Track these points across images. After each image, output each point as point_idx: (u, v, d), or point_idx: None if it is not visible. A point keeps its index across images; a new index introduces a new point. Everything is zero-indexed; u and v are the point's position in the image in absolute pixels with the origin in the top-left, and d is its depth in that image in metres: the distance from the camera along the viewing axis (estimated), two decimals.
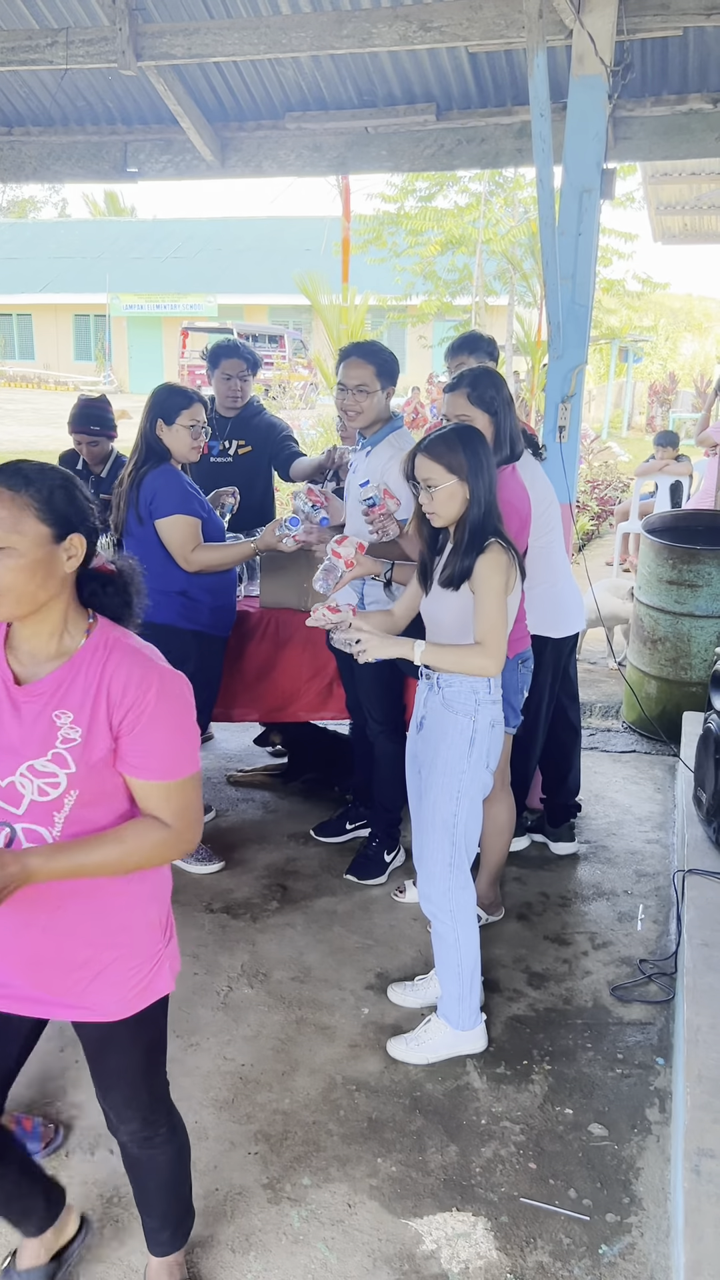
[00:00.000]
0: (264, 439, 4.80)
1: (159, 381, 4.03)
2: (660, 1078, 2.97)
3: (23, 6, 4.88)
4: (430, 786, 2.92)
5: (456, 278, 17.22)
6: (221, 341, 4.83)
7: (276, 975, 3.40)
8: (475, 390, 3.17)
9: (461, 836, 2.91)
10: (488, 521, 2.74)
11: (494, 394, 3.17)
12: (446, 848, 2.91)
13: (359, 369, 3.60)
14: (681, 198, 7.95)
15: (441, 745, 2.88)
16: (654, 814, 4.64)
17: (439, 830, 2.91)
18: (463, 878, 2.94)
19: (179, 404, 3.60)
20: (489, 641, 2.70)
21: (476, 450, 2.73)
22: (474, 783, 2.88)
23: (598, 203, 4.13)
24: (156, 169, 5.69)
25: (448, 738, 2.86)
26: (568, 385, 4.22)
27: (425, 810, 2.95)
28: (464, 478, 2.70)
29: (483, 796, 2.94)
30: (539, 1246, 2.40)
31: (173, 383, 3.87)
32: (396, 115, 5.17)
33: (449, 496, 2.72)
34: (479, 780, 2.89)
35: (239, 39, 4.56)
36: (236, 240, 34.22)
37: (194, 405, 3.62)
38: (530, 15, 3.41)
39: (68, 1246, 2.28)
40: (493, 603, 2.70)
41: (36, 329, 35.12)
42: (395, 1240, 2.41)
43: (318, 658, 4.13)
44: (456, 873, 2.93)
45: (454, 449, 2.71)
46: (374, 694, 3.83)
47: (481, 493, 2.72)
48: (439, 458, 2.71)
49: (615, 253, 15.35)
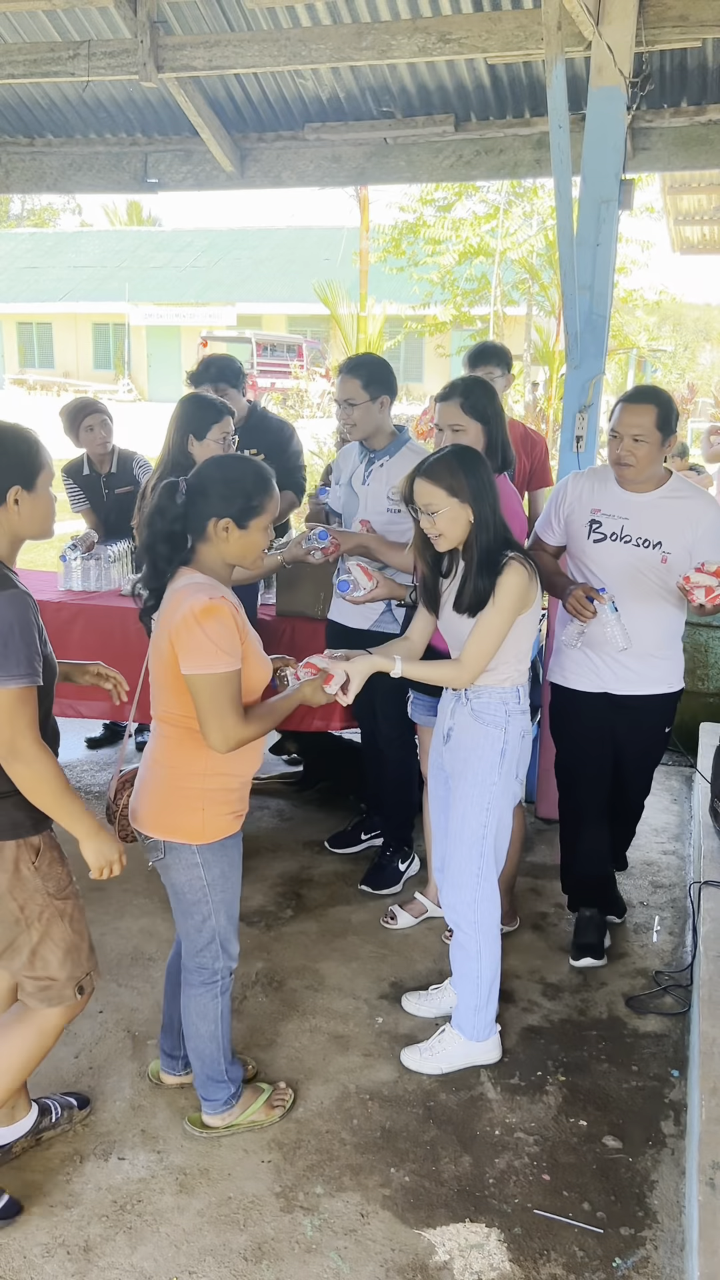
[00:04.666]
0: (270, 444, 4.78)
1: (178, 390, 4.03)
2: (675, 1090, 2.95)
3: (45, 19, 4.93)
4: (460, 798, 2.91)
5: (475, 287, 17.22)
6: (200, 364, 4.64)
7: (291, 984, 3.40)
8: (468, 400, 3.18)
9: (491, 848, 2.91)
10: (497, 540, 2.72)
11: (486, 404, 3.19)
12: (475, 859, 2.91)
13: (347, 383, 3.68)
14: (700, 208, 7.94)
15: (472, 757, 2.87)
16: (670, 825, 4.62)
17: (468, 842, 2.91)
18: (490, 890, 2.94)
19: (210, 418, 3.60)
20: (469, 660, 2.73)
21: (477, 471, 2.70)
22: (505, 794, 2.88)
23: (616, 213, 4.13)
24: (177, 179, 5.73)
25: (478, 749, 2.86)
26: (585, 395, 4.22)
27: (454, 822, 2.94)
28: (465, 500, 2.68)
29: (513, 806, 2.94)
30: (552, 1259, 2.39)
31: (200, 394, 3.86)
32: (415, 126, 5.19)
33: (452, 520, 2.70)
34: (509, 791, 2.90)
35: (259, 51, 4.60)
36: (255, 250, 34.34)
37: (224, 419, 3.63)
38: (549, 27, 3.41)
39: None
40: (496, 625, 2.70)
41: (56, 338, 35.29)
42: (408, 1250, 2.41)
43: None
44: (484, 884, 2.93)
45: (454, 472, 2.68)
46: (385, 702, 3.84)
47: (486, 513, 2.69)
48: (439, 481, 2.68)
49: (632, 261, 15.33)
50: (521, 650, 2.83)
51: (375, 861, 4.09)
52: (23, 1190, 2.53)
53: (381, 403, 3.68)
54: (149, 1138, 2.71)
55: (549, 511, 3.55)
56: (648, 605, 3.33)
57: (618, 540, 3.32)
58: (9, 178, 6.04)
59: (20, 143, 5.94)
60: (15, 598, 2.18)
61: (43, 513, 2.31)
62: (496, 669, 2.79)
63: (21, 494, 2.24)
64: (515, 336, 18.12)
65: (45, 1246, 2.39)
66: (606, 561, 3.35)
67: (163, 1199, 2.53)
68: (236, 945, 2.68)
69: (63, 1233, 2.43)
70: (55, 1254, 2.37)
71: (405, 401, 21.93)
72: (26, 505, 2.26)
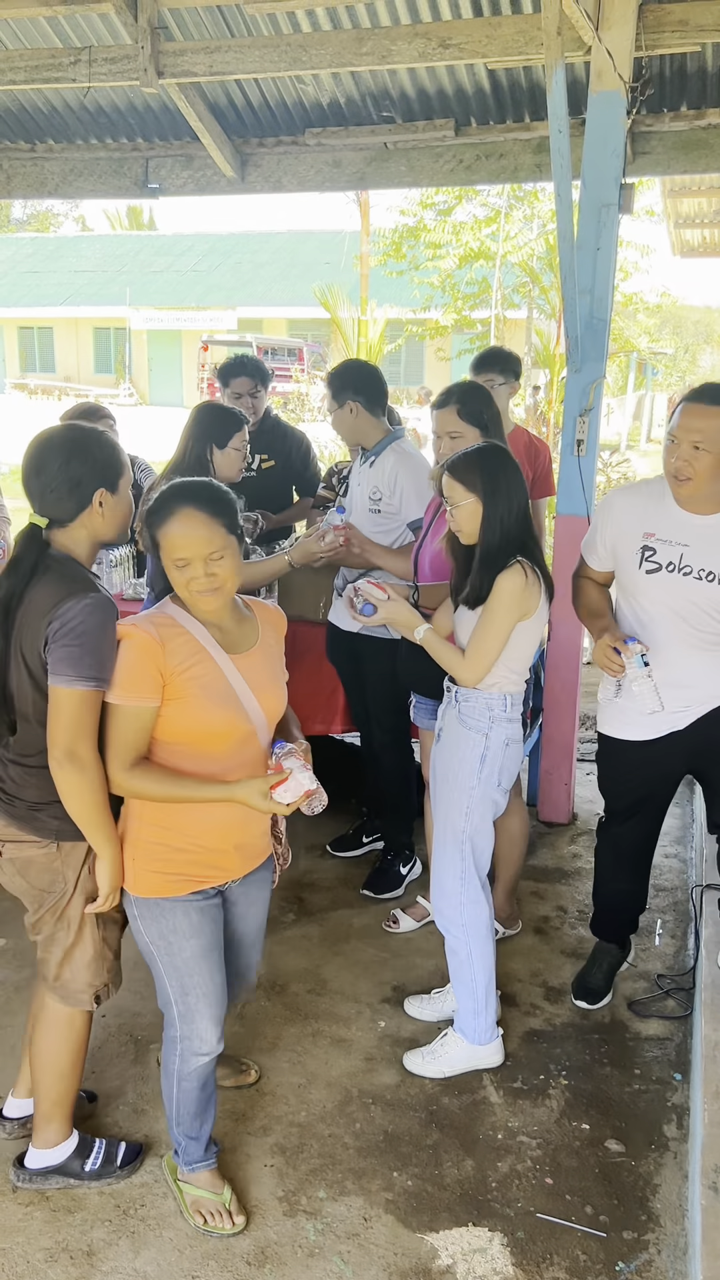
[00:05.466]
0: (286, 453, 4.83)
1: (179, 394, 4.06)
2: (678, 1094, 2.95)
3: (47, 26, 4.94)
4: (440, 800, 2.93)
5: (475, 291, 17.24)
6: (230, 360, 4.84)
7: (293, 988, 3.40)
8: (464, 406, 3.19)
9: (471, 852, 2.91)
10: (507, 541, 2.71)
11: (482, 409, 3.19)
12: (457, 861, 2.91)
13: (328, 391, 3.74)
14: (701, 212, 7.95)
15: (453, 760, 2.88)
16: (672, 828, 4.62)
17: (449, 845, 2.92)
18: (474, 892, 2.94)
19: (232, 428, 3.61)
20: (473, 658, 2.74)
21: (495, 470, 2.71)
22: (483, 800, 2.87)
23: (616, 217, 4.14)
24: (178, 185, 5.74)
25: (459, 752, 2.86)
26: (586, 399, 4.22)
27: (437, 825, 2.96)
28: (480, 496, 2.69)
29: (493, 816, 2.94)
30: (555, 1263, 2.39)
31: (217, 403, 3.88)
32: (416, 131, 5.20)
33: (469, 515, 2.71)
34: (488, 798, 2.88)
35: (260, 56, 4.61)
36: (256, 254, 34.37)
37: (243, 427, 3.66)
38: (549, 32, 3.42)
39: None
40: (495, 624, 2.70)
41: (57, 342, 35.34)
42: (411, 1255, 2.41)
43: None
44: (468, 887, 2.93)
45: (473, 468, 2.71)
46: (381, 705, 3.84)
47: (498, 512, 2.69)
48: (459, 476, 2.71)
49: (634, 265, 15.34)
50: (516, 659, 2.80)
51: (376, 866, 4.09)
52: (25, 1194, 2.53)
53: (350, 407, 3.67)
54: (151, 1142, 2.71)
55: (593, 532, 3.10)
56: (707, 654, 2.88)
57: (674, 571, 2.84)
58: (10, 183, 6.05)
59: (21, 148, 5.95)
60: (103, 603, 2.21)
61: (123, 515, 2.37)
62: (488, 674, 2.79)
63: (106, 496, 2.29)
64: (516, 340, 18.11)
65: (48, 1251, 2.39)
66: (660, 596, 2.87)
67: (165, 1203, 2.53)
68: (205, 1033, 2.37)
69: (65, 1237, 2.43)
70: (58, 1259, 2.37)
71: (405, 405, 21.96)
72: (110, 508, 2.31)
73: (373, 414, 3.70)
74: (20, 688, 2.25)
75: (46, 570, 2.24)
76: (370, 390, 3.70)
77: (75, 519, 2.29)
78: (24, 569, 2.24)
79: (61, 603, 2.17)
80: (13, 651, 2.23)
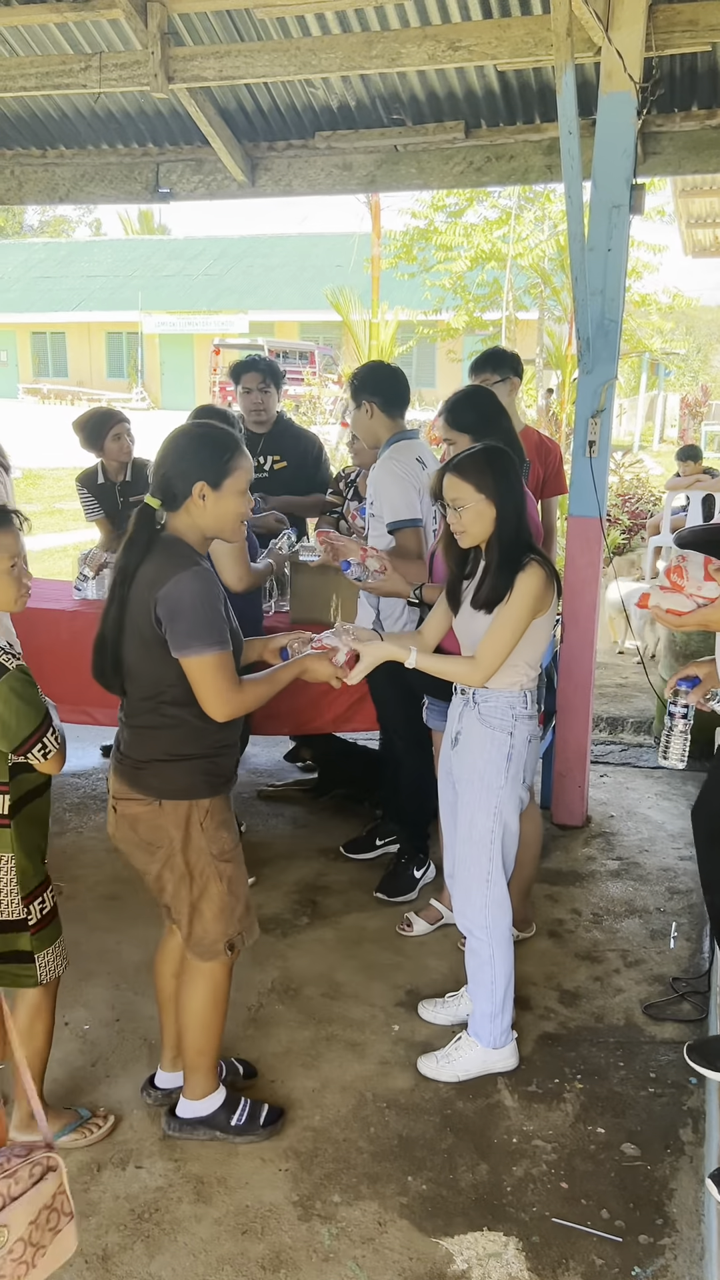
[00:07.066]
0: (298, 455, 4.84)
1: (191, 398, 4.10)
2: (693, 1097, 2.94)
3: (57, 32, 4.96)
4: (466, 803, 2.92)
5: (486, 292, 17.25)
6: (242, 359, 4.89)
7: (307, 991, 3.40)
8: (451, 414, 3.23)
9: (499, 852, 2.91)
10: (519, 540, 2.73)
11: (467, 413, 3.21)
12: (484, 864, 2.91)
13: (348, 392, 3.81)
14: (712, 211, 7.93)
15: (479, 761, 2.88)
16: (687, 830, 4.59)
17: (476, 846, 2.91)
18: (499, 894, 2.94)
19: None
20: (483, 657, 2.73)
21: (504, 470, 2.73)
22: (511, 798, 2.88)
23: (627, 218, 4.13)
24: (188, 189, 5.76)
25: (485, 753, 2.86)
26: (597, 400, 4.21)
27: (462, 827, 2.95)
28: (490, 497, 2.70)
29: (519, 812, 2.94)
30: (571, 1268, 2.38)
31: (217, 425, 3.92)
32: (426, 133, 5.20)
33: (477, 516, 2.72)
34: (516, 796, 2.89)
35: (269, 60, 4.62)
36: (267, 257, 34.44)
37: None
38: (558, 33, 3.42)
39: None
40: (511, 626, 2.71)
41: (70, 346, 35.50)
42: (426, 1259, 2.40)
43: None
44: (493, 889, 2.92)
45: (481, 469, 2.72)
46: (395, 709, 3.84)
47: (510, 511, 2.72)
48: (467, 477, 2.71)
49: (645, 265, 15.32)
50: (533, 655, 2.83)
51: (390, 869, 4.08)
52: None
53: (367, 407, 3.70)
54: (166, 1146, 2.71)
55: None
56: None
57: None
58: (23, 188, 6.08)
59: (33, 154, 5.99)
60: (201, 573, 2.41)
61: (225, 514, 2.48)
62: (506, 672, 2.79)
63: (207, 490, 2.42)
64: (527, 341, 18.11)
65: None
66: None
67: (180, 1208, 2.53)
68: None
69: (81, 1241, 2.41)
70: (73, 1263, 2.36)
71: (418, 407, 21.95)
72: (211, 503, 2.44)
73: (388, 415, 3.72)
74: (131, 654, 2.46)
75: (156, 548, 2.45)
76: (387, 391, 3.72)
77: (179, 506, 2.45)
78: (138, 546, 2.45)
79: (165, 579, 2.37)
80: (127, 620, 2.44)
